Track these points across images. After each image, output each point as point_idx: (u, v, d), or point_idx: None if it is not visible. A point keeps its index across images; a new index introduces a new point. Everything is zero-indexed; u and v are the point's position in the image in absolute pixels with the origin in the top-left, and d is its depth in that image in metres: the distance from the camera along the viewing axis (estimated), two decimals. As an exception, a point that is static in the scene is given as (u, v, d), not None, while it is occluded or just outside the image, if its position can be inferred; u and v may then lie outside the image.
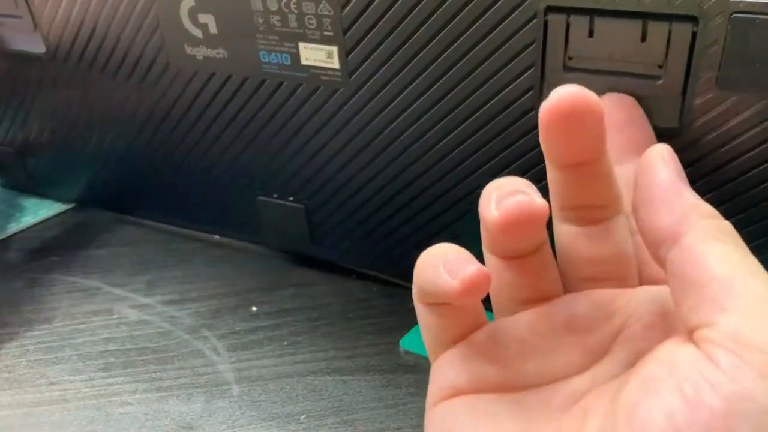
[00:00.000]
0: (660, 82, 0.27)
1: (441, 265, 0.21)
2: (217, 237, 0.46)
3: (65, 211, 0.50)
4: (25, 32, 0.41)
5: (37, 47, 0.41)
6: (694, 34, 0.25)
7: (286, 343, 0.37)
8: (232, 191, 0.42)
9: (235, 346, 0.37)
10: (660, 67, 0.27)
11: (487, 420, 0.22)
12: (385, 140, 0.35)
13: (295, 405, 0.33)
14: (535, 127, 0.26)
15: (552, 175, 0.23)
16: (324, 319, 0.39)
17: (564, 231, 0.23)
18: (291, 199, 0.40)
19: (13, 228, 0.48)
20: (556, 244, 0.24)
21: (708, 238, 0.19)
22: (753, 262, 0.18)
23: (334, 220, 0.40)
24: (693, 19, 0.25)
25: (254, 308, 0.40)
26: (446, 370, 0.23)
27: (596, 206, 0.23)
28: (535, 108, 0.30)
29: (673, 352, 0.18)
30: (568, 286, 0.24)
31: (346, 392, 0.34)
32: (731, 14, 0.24)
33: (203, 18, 0.35)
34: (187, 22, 0.35)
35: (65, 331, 0.39)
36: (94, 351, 0.37)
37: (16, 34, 0.42)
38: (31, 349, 0.37)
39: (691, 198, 0.20)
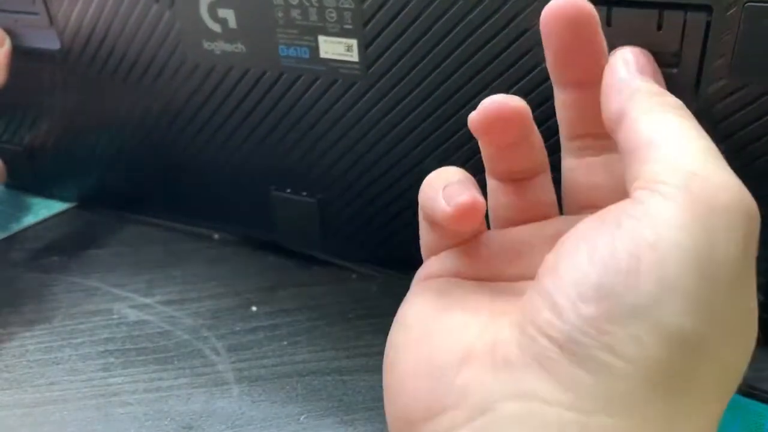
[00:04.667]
0: (675, 70, 0.28)
1: (441, 189, 0.23)
2: (216, 236, 0.46)
3: (66, 211, 0.50)
4: (40, 29, 0.41)
5: (52, 44, 0.41)
6: (708, 23, 0.26)
7: (285, 343, 0.37)
8: (245, 187, 0.42)
9: (235, 346, 0.37)
10: (675, 55, 0.27)
11: (457, 290, 0.24)
12: (401, 133, 0.35)
13: (295, 405, 0.33)
14: (553, 115, 0.27)
15: (559, 101, 0.25)
16: (324, 319, 0.39)
17: (567, 164, 0.26)
18: (304, 194, 0.40)
19: (14, 228, 0.48)
20: (561, 176, 0.26)
21: (645, 111, 0.20)
22: (682, 122, 0.20)
23: (348, 216, 0.40)
24: (707, 8, 0.26)
25: (254, 308, 0.40)
26: (433, 262, 0.26)
27: (596, 135, 0.25)
28: (551, 98, 0.31)
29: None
30: (570, 213, 0.26)
31: (346, 392, 0.34)
32: (745, 3, 0.25)
33: (222, 13, 0.35)
34: (206, 17, 0.35)
35: (65, 331, 0.39)
36: (94, 351, 0.37)
37: (31, 30, 0.41)
38: (31, 349, 0.37)
39: (639, 83, 0.21)
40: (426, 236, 0.27)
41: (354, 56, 0.33)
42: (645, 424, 0.17)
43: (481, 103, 0.23)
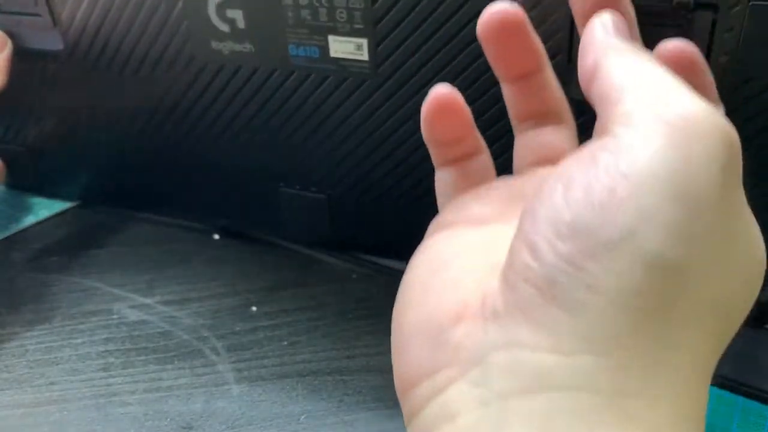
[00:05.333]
0: None
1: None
2: (216, 236, 0.46)
3: (66, 211, 0.50)
4: (43, 30, 0.41)
5: (55, 44, 0.41)
6: (714, 21, 0.27)
7: (286, 343, 0.37)
8: (253, 184, 0.42)
9: (235, 346, 0.37)
10: None
11: (457, 244, 0.24)
12: (410, 130, 0.36)
13: (295, 405, 0.33)
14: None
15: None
16: (324, 319, 0.39)
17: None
18: (314, 189, 0.40)
19: (15, 228, 0.48)
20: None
21: (619, 61, 0.21)
22: (655, 67, 0.20)
23: (356, 211, 0.40)
24: (713, 7, 0.27)
25: (254, 308, 0.40)
26: (441, 213, 0.27)
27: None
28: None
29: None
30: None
31: (346, 392, 0.34)
32: (750, 2, 0.26)
33: (231, 13, 0.35)
34: (214, 18, 0.36)
35: (65, 331, 0.39)
36: (94, 351, 0.37)
37: (34, 32, 0.41)
38: (31, 349, 0.37)
39: (614, 40, 0.22)
40: (439, 184, 0.27)
41: (364, 55, 0.34)
42: (629, 358, 0.17)
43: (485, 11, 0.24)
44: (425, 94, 0.34)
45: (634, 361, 0.17)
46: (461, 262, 0.23)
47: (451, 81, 0.33)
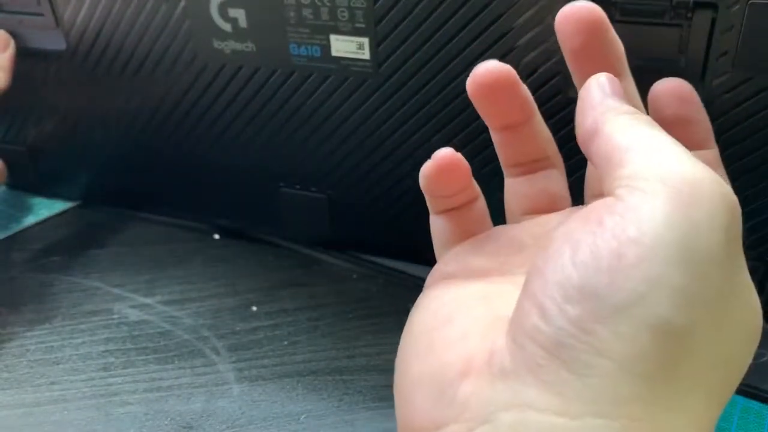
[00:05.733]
0: (681, 65, 0.29)
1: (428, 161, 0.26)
2: (217, 236, 0.46)
3: (67, 211, 0.50)
4: (45, 30, 0.41)
5: (58, 44, 0.41)
6: (713, 20, 0.27)
7: (286, 343, 0.37)
8: (253, 184, 0.42)
9: (235, 346, 0.37)
10: (681, 50, 0.29)
11: (460, 297, 0.24)
12: (411, 129, 0.36)
13: (295, 405, 0.33)
14: (563, 109, 0.29)
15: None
16: (324, 319, 0.39)
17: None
18: (314, 189, 0.40)
19: (15, 228, 0.48)
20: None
21: (619, 124, 0.21)
22: (656, 132, 0.20)
23: (356, 211, 0.40)
24: (713, 6, 0.27)
25: (254, 308, 0.40)
26: (444, 260, 0.27)
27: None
28: (562, 91, 0.31)
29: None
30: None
31: (346, 392, 0.34)
32: (749, 1, 0.26)
33: (233, 12, 0.35)
34: (216, 17, 0.36)
35: (65, 331, 0.39)
36: (94, 351, 0.37)
37: (36, 31, 0.41)
38: (31, 349, 0.37)
39: (612, 102, 0.22)
40: (435, 231, 0.28)
41: (365, 54, 0.34)
42: (636, 422, 0.17)
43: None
44: (426, 93, 0.34)
45: (640, 425, 0.17)
46: (465, 316, 0.23)
47: (452, 80, 0.33)
